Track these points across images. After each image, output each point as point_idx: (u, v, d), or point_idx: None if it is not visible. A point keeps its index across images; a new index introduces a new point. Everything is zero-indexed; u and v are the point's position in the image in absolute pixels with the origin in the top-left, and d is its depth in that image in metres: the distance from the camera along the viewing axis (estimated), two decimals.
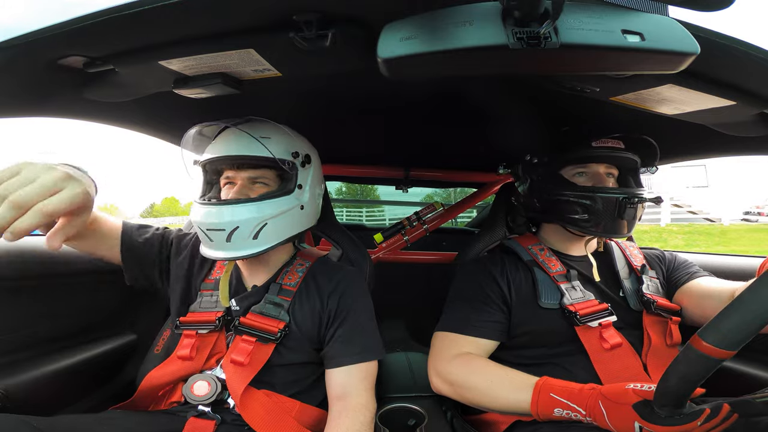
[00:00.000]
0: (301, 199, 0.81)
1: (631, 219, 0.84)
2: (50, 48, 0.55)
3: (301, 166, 0.81)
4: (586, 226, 0.84)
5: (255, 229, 0.74)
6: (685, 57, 0.44)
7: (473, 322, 0.83)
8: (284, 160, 0.78)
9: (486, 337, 0.82)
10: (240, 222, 0.73)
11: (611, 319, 0.80)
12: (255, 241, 0.75)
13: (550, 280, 0.85)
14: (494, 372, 0.76)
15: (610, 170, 0.89)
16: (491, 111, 0.98)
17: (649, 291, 0.84)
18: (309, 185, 0.83)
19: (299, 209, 0.80)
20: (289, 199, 0.78)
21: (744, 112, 0.66)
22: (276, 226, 0.77)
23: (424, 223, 1.62)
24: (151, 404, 0.81)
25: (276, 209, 0.76)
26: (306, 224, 0.84)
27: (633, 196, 0.82)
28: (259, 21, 0.51)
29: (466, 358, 0.79)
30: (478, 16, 0.43)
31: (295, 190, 0.79)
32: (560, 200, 0.86)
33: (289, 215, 0.79)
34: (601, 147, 0.86)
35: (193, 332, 0.79)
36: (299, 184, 0.80)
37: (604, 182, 0.86)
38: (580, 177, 0.89)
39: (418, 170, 1.58)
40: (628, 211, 0.82)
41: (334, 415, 0.73)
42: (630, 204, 0.82)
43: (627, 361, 0.77)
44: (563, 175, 0.90)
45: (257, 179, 0.80)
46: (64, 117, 0.80)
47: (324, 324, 0.81)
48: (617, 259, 0.91)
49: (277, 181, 0.82)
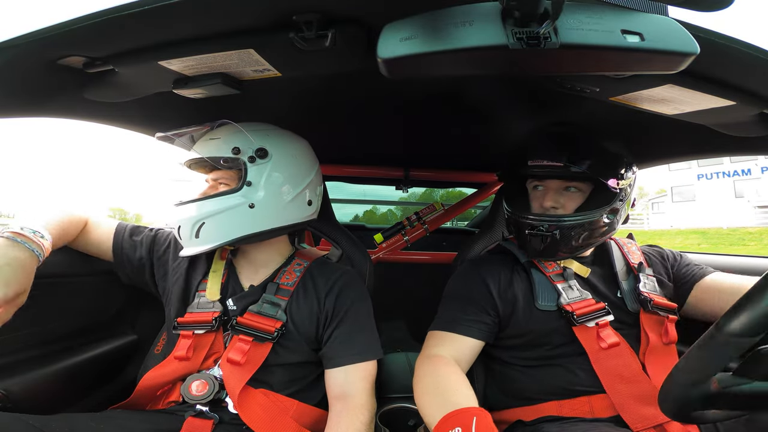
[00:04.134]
0: (250, 198, 0.77)
1: (540, 248, 0.82)
2: (50, 48, 0.55)
3: (250, 161, 0.78)
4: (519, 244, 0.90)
5: (194, 228, 0.77)
6: (684, 57, 0.44)
7: (461, 321, 0.83)
8: (217, 157, 0.77)
9: (472, 336, 0.82)
10: (181, 221, 0.78)
11: (608, 319, 0.80)
12: (197, 239, 0.77)
13: (546, 280, 0.85)
14: (438, 383, 0.71)
15: (571, 185, 0.85)
16: (491, 111, 0.98)
17: (646, 289, 0.84)
18: (265, 182, 0.79)
19: (247, 208, 0.77)
20: (233, 197, 0.77)
21: (744, 112, 0.66)
22: (217, 225, 0.77)
23: (424, 223, 1.62)
24: (149, 404, 0.81)
25: (215, 207, 0.76)
26: (267, 224, 0.80)
27: (537, 225, 0.80)
28: (259, 21, 0.51)
29: (433, 359, 0.77)
30: (477, 16, 0.43)
31: (243, 188, 0.77)
32: (507, 214, 0.91)
33: (233, 214, 0.77)
34: (536, 165, 0.84)
35: (189, 332, 0.79)
36: (248, 181, 0.77)
37: (545, 201, 0.84)
38: (535, 191, 0.89)
39: (417, 170, 1.58)
40: (532, 240, 0.82)
41: (333, 415, 0.73)
42: (532, 232, 0.81)
43: (625, 360, 0.77)
44: (527, 187, 0.91)
45: (219, 179, 0.82)
46: (64, 117, 0.80)
47: (322, 324, 0.82)
48: (616, 259, 0.90)
49: (237, 180, 0.80)
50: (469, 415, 0.58)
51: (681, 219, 21.03)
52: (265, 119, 0.88)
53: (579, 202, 0.84)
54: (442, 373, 0.73)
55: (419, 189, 2.59)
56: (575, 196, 0.84)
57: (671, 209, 23.13)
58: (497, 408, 0.87)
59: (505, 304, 0.85)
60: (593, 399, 0.76)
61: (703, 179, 22.02)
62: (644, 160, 1.18)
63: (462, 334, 0.82)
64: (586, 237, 0.82)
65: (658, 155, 1.17)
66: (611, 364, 0.76)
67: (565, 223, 0.80)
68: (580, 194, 0.85)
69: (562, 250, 0.83)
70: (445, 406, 0.62)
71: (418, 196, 2.71)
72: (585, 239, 0.82)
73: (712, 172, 21.60)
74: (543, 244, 0.81)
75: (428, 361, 0.77)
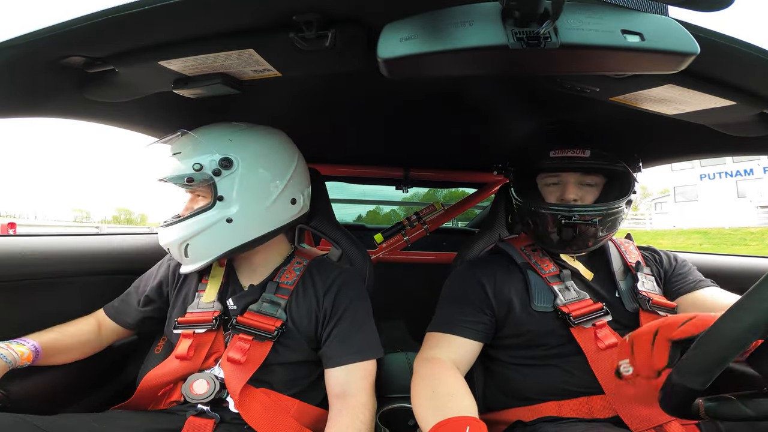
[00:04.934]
0: (225, 212, 0.75)
1: (571, 238, 0.81)
2: (50, 48, 0.55)
3: (215, 174, 0.74)
4: (537, 240, 0.88)
5: (181, 249, 0.78)
6: (685, 57, 0.44)
7: (457, 322, 0.83)
8: (180, 176, 0.74)
9: (470, 338, 0.82)
10: (168, 244, 0.79)
11: (606, 319, 0.79)
12: (187, 258, 0.79)
13: (542, 282, 0.85)
14: (435, 388, 0.69)
15: (587, 179, 0.84)
16: (491, 111, 0.98)
17: (644, 288, 0.83)
18: (237, 193, 0.75)
19: (225, 223, 0.75)
20: (208, 216, 0.75)
21: (744, 112, 0.66)
22: (201, 244, 0.77)
23: (424, 223, 1.62)
24: (151, 404, 0.81)
25: (194, 228, 0.75)
26: (250, 234, 0.78)
27: (570, 215, 0.78)
28: (259, 21, 0.51)
29: (431, 362, 0.77)
30: (477, 16, 0.43)
31: (216, 203, 0.75)
32: (521, 209, 0.89)
33: (213, 231, 0.75)
34: (559, 157, 0.82)
35: (190, 332, 0.79)
36: (220, 196, 0.74)
37: (567, 194, 0.83)
38: (549, 186, 0.87)
39: (417, 170, 1.58)
40: (564, 230, 0.80)
41: (333, 414, 0.73)
42: (566, 221, 0.79)
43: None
44: (537, 182, 0.89)
45: (196, 191, 0.80)
46: (65, 117, 0.80)
47: (321, 323, 0.82)
48: (613, 258, 0.90)
49: (210, 192, 0.77)
50: (463, 424, 0.57)
51: (683, 219, 21.02)
52: (265, 119, 0.87)
53: (596, 195, 0.84)
54: (440, 376, 0.72)
55: (422, 189, 2.59)
56: (593, 190, 0.84)
57: (674, 209, 23.12)
58: (496, 408, 0.87)
59: (501, 305, 0.84)
60: (592, 399, 0.75)
61: (706, 179, 22.01)
62: (645, 160, 1.18)
63: (460, 335, 0.82)
64: (609, 227, 0.82)
65: (659, 155, 1.16)
66: (609, 364, 0.76)
67: (595, 211, 0.79)
68: (596, 188, 0.85)
69: (590, 242, 0.83)
70: (440, 411, 0.61)
71: (421, 196, 2.71)
72: (608, 230, 0.82)
73: (715, 172, 21.59)
74: (574, 234, 0.80)
75: (426, 363, 0.77)
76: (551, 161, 0.83)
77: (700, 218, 19.80)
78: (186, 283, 0.88)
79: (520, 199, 0.89)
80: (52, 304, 0.91)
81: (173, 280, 0.90)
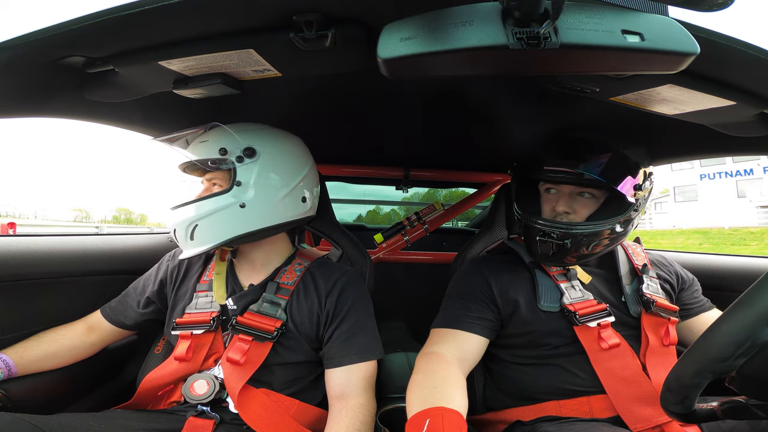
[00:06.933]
0: (241, 197, 0.77)
1: (550, 253, 0.81)
2: (50, 48, 0.55)
3: (238, 161, 0.78)
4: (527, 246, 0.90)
5: (188, 231, 0.78)
6: (685, 57, 0.44)
7: (462, 318, 0.83)
8: (205, 159, 0.78)
9: (476, 333, 0.82)
10: (176, 224, 0.79)
11: (610, 320, 0.79)
12: (192, 241, 0.78)
13: (550, 280, 0.85)
14: (427, 379, 0.69)
15: (584, 191, 0.83)
16: (491, 111, 0.98)
17: (649, 291, 0.83)
18: (254, 181, 0.79)
19: (238, 208, 0.77)
20: (223, 198, 0.77)
21: (744, 112, 0.66)
22: (209, 226, 0.77)
23: (424, 223, 1.62)
24: (151, 404, 0.81)
25: (206, 209, 0.77)
26: (259, 223, 0.80)
27: (548, 232, 0.80)
28: (259, 21, 0.51)
29: (431, 356, 0.77)
30: (477, 16, 0.43)
31: (233, 188, 0.77)
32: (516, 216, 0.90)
33: (224, 214, 0.77)
34: (551, 170, 0.84)
35: (188, 333, 0.79)
36: (238, 181, 0.78)
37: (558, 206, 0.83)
38: (548, 194, 0.88)
39: (417, 170, 1.58)
40: (541, 245, 0.81)
41: (333, 414, 0.73)
42: (542, 238, 0.80)
43: (625, 361, 0.77)
44: (539, 188, 0.90)
45: (213, 180, 0.83)
46: (65, 117, 0.80)
47: (322, 324, 0.82)
48: (621, 262, 0.90)
49: (228, 180, 0.80)
50: (440, 413, 0.57)
51: (683, 219, 21.01)
52: (265, 119, 0.88)
53: (593, 208, 0.83)
54: (435, 369, 0.72)
55: (422, 189, 2.59)
56: (589, 203, 0.83)
57: (674, 209, 23.11)
58: (496, 408, 0.87)
59: (506, 304, 0.85)
60: (593, 399, 0.76)
61: (706, 179, 22.00)
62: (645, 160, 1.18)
63: (466, 331, 0.81)
64: (596, 245, 0.81)
65: (659, 155, 1.16)
66: (611, 365, 0.76)
67: (575, 231, 0.79)
68: (594, 200, 0.83)
69: (570, 257, 0.83)
70: (425, 401, 0.61)
71: (421, 196, 2.71)
72: (594, 247, 0.82)
73: (715, 172, 21.58)
74: (552, 250, 0.81)
75: (426, 357, 0.77)
76: (545, 173, 0.85)
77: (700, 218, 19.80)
78: (184, 284, 0.88)
79: (516, 204, 0.91)
80: (52, 304, 0.91)
81: (172, 280, 0.90)
